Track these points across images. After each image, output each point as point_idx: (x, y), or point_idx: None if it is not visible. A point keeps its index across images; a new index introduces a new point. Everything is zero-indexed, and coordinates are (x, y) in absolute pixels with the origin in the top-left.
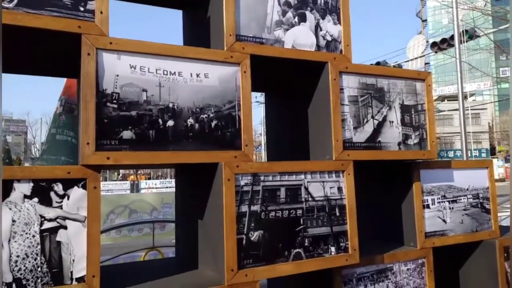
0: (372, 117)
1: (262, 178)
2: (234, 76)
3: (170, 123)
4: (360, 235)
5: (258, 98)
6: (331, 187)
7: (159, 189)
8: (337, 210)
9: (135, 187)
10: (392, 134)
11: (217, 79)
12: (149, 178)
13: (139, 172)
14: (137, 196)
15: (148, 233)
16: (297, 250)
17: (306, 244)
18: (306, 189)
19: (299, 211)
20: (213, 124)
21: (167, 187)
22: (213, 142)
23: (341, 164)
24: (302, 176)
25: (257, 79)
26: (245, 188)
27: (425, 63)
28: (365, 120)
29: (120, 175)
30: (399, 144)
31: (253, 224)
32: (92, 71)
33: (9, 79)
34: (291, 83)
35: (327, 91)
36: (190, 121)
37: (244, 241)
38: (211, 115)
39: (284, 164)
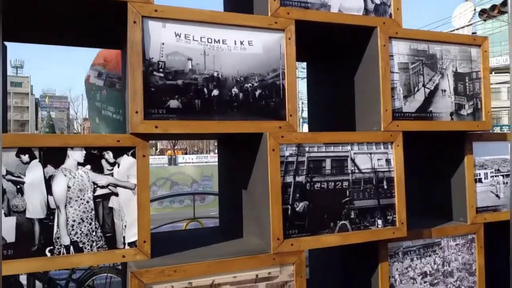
0: (423, 85)
1: (307, 149)
2: (278, 43)
3: (215, 92)
4: (407, 209)
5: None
6: (378, 159)
7: (195, 163)
8: (384, 183)
9: (172, 162)
10: (444, 104)
11: (261, 46)
12: (186, 153)
13: (176, 147)
14: (177, 169)
15: (188, 205)
16: (342, 222)
17: (352, 216)
18: (353, 160)
19: (345, 183)
20: (257, 93)
21: (205, 162)
22: (257, 112)
23: (390, 135)
24: (349, 147)
25: (300, 47)
26: (290, 159)
27: (472, 33)
28: (415, 89)
29: (158, 150)
30: (451, 114)
31: (298, 195)
32: (138, 40)
33: (53, 57)
34: (336, 51)
35: (375, 58)
36: (235, 90)
37: (289, 211)
38: (255, 84)
39: (330, 135)
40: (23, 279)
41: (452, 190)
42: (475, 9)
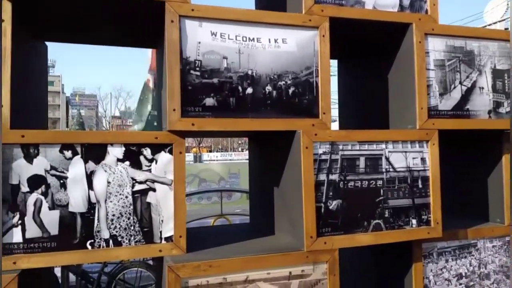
0: (460, 82)
1: (340, 147)
2: (312, 40)
3: (249, 90)
4: (442, 208)
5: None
6: (413, 158)
7: (220, 161)
8: (419, 182)
9: (198, 159)
10: (482, 102)
11: (295, 44)
12: (210, 151)
13: (201, 144)
14: (205, 166)
15: (216, 202)
16: (376, 221)
17: (386, 215)
18: (387, 159)
19: (379, 182)
20: (290, 91)
21: (230, 160)
22: (290, 110)
23: (426, 134)
24: (383, 146)
25: (332, 44)
26: (323, 157)
27: (505, 29)
28: (452, 86)
29: None
30: (489, 112)
31: (331, 193)
32: (176, 39)
33: (82, 56)
34: (369, 48)
35: (411, 55)
36: (268, 88)
37: (322, 210)
38: (289, 82)
39: (364, 133)
40: (57, 271)
41: (489, 190)
42: (508, 4)
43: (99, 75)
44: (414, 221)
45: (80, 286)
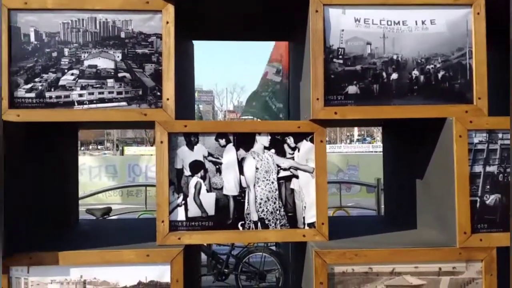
0: None
1: (500, 135)
2: (464, 19)
3: (394, 76)
4: None
5: None
6: None
7: (329, 153)
8: None
9: None
10: None
11: (444, 24)
12: None
13: None
14: None
15: (334, 193)
16: None
17: None
18: None
19: None
20: (440, 75)
21: (339, 152)
22: (440, 95)
23: None
24: None
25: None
26: (479, 146)
27: None
28: None
29: None
30: None
31: (488, 187)
32: (320, 28)
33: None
34: None
35: None
36: (415, 73)
37: (478, 204)
38: (438, 65)
39: None
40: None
41: None
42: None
43: (216, 72)
44: None
45: (211, 266)
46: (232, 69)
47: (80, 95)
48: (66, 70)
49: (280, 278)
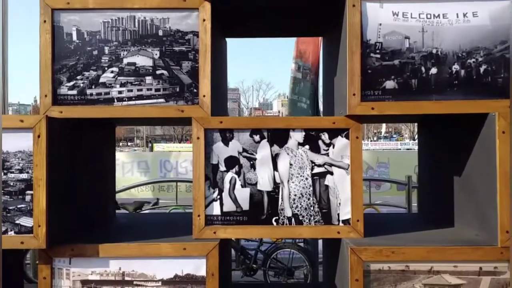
0: None
1: None
2: (508, 11)
3: (433, 70)
4: None
5: None
6: None
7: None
8: None
9: None
10: None
11: (487, 17)
12: None
13: None
14: None
15: (364, 191)
16: None
17: None
18: None
19: None
20: (482, 69)
21: (366, 149)
22: (482, 90)
23: None
24: None
25: None
26: None
27: None
28: None
29: None
30: None
31: None
32: (357, 23)
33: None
34: None
35: None
36: (455, 67)
37: None
38: (480, 59)
39: None
40: None
41: None
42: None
43: (242, 69)
44: None
45: (239, 261)
46: (258, 66)
47: (120, 92)
48: (106, 68)
49: (308, 274)
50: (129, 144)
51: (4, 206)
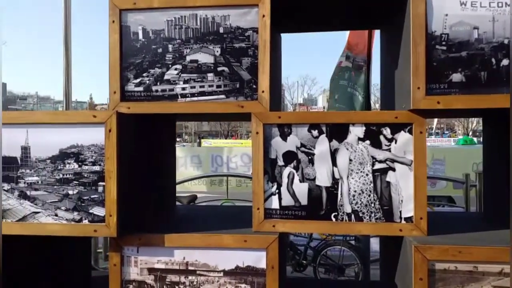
0: None
1: None
2: None
3: (505, 62)
4: None
5: None
6: None
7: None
8: None
9: None
10: None
11: None
12: None
13: None
14: None
15: None
16: None
17: None
18: None
19: None
20: None
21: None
22: None
23: None
24: None
25: None
26: None
27: None
28: None
29: None
30: None
31: None
32: (421, 13)
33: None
34: None
35: None
36: None
37: None
38: None
39: None
40: None
41: None
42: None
43: (287, 65)
44: None
45: (289, 256)
46: (304, 60)
47: (183, 89)
48: (170, 65)
49: (360, 273)
50: (177, 139)
51: (79, 196)
